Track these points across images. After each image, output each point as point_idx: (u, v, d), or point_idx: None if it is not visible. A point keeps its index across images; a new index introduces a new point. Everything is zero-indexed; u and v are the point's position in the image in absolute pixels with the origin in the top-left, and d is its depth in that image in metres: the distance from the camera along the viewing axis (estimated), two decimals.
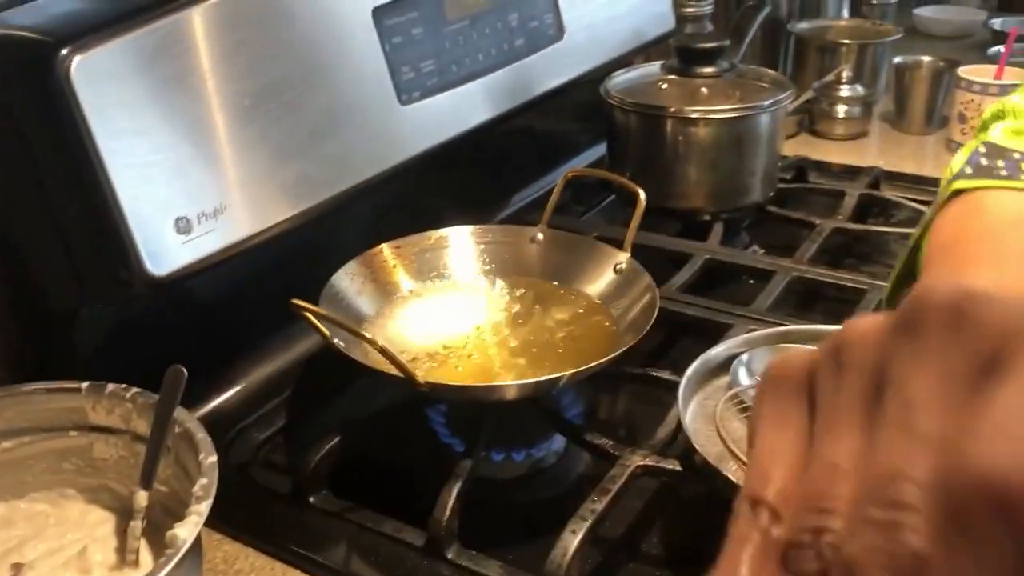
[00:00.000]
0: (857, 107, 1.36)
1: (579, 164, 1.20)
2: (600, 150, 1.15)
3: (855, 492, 0.20)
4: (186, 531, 0.48)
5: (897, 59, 1.40)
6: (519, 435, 0.75)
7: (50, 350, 0.74)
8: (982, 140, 0.47)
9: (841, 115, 1.36)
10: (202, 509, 0.49)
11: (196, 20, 0.68)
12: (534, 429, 0.75)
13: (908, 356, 0.20)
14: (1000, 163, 0.45)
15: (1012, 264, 0.40)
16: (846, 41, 1.43)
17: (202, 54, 0.68)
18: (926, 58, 1.38)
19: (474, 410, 0.73)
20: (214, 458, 0.53)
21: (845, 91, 1.36)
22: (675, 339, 0.88)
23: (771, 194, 1.06)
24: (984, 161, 0.45)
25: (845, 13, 1.61)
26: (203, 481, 0.51)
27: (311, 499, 0.69)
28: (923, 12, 1.86)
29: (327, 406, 0.80)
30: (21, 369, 0.70)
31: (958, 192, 0.44)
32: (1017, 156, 0.45)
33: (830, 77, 1.37)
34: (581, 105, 1.16)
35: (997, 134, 0.48)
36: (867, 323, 0.22)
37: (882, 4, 1.60)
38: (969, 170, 0.45)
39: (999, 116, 0.49)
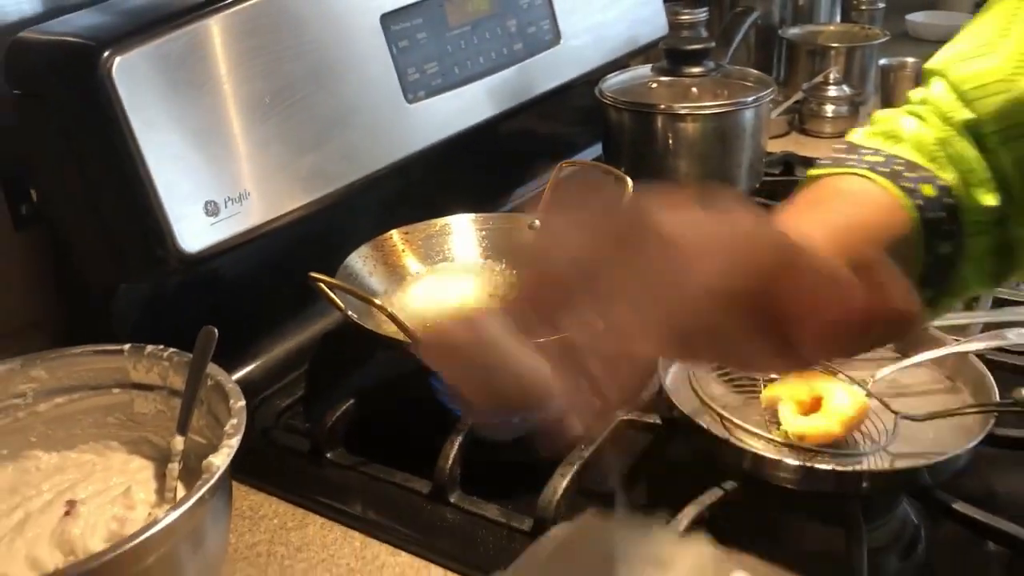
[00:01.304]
0: (844, 106, 1.43)
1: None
2: (596, 150, 1.23)
3: None
4: (220, 459, 0.55)
5: (883, 60, 1.47)
6: None
7: (91, 324, 0.82)
8: (844, 140, 0.55)
9: (829, 114, 1.43)
10: (233, 443, 0.57)
11: (218, 27, 0.75)
12: None
13: None
14: (853, 156, 0.52)
15: (817, 212, 0.48)
16: (835, 45, 1.50)
17: (225, 56, 0.76)
18: (910, 59, 1.45)
19: None
20: (243, 403, 0.60)
21: (833, 91, 1.43)
22: None
23: (757, 185, 1.13)
24: (839, 156, 0.53)
25: (836, 19, 1.69)
26: (233, 421, 0.59)
27: (328, 455, 0.76)
28: (914, 17, 1.92)
29: (341, 377, 0.87)
30: (68, 341, 0.78)
31: (813, 179, 0.53)
32: (864, 151, 0.53)
33: (819, 78, 1.44)
34: (578, 109, 1.23)
35: (858, 135, 0.55)
36: None
37: (871, 9, 1.66)
38: (826, 162, 0.53)
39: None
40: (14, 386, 0.67)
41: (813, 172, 0.53)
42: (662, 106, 1.08)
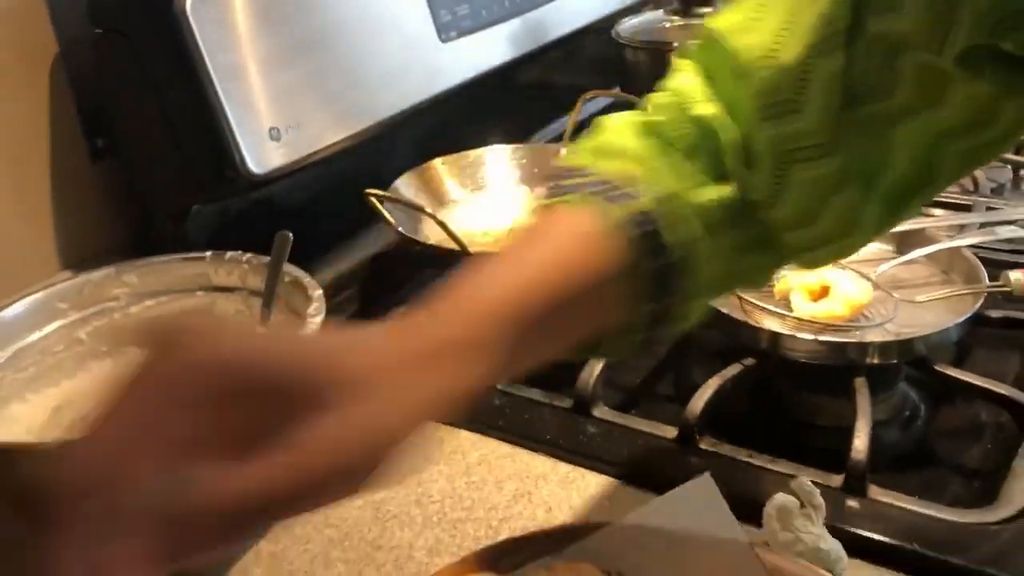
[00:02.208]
0: None
1: (596, 106, 1.35)
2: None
3: None
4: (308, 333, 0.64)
5: None
6: None
7: (162, 248, 0.90)
8: (568, 156, 0.52)
9: None
10: (318, 320, 0.65)
11: None
12: None
13: None
14: (568, 182, 0.48)
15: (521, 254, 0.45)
16: None
17: None
18: None
19: None
20: (320, 291, 0.69)
21: None
22: None
23: None
24: (558, 182, 0.49)
25: None
26: (315, 305, 0.67)
27: None
28: None
29: (390, 294, 0.95)
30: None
31: (538, 210, 0.49)
32: (575, 174, 0.48)
33: None
34: (596, 55, 1.31)
35: (573, 152, 0.52)
36: None
37: None
38: (551, 185, 0.49)
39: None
40: (109, 290, 0.75)
41: (541, 202, 0.49)
42: (676, 44, 1.15)
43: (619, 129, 0.51)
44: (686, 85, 0.51)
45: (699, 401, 0.71)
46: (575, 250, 0.45)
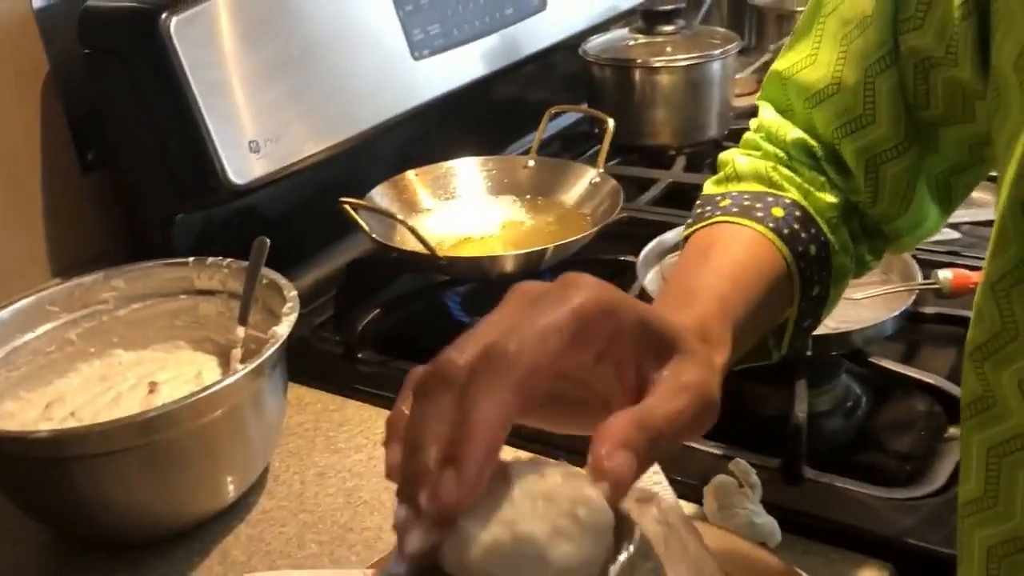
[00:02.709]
0: None
1: (565, 121, 1.41)
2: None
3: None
4: (282, 328, 0.69)
5: None
6: None
7: (149, 255, 0.95)
8: (701, 194, 0.64)
9: None
10: (292, 318, 0.70)
11: None
12: None
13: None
14: (708, 207, 0.60)
15: (706, 263, 0.55)
16: (800, 9, 1.63)
17: (261, 18, 0.89)
18: None
19: (482, 293, 0.94)
20: (295, 292, 0.74)
21: None
22: (644, 242, 1.08)
23: (726, 132, 1.27)
24: (699, 211, 0.61)
25: None
26: (289, 304, 0.72)
27: (359, 355, 0.90)
28: None
29: (366, 297, 1.00)
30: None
31: (687, 239, 0.60)
32: (716, 199, 0.60)
33: (786, 39, 1.57)
34: (564, 72, 1.36)
35: (707, 187, 0.64)
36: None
37: None
38: (690, 219, 0.61)
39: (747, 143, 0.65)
40: (98, 294, 0.80)
41: (684, 232, 0.60)
42: (639, 61, 1.21)
43: (734, 162, 0.62)
44: (772, 120, 0.62)
45: None
46: (745, 257, 0.55)
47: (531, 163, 1.07)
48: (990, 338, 0.48)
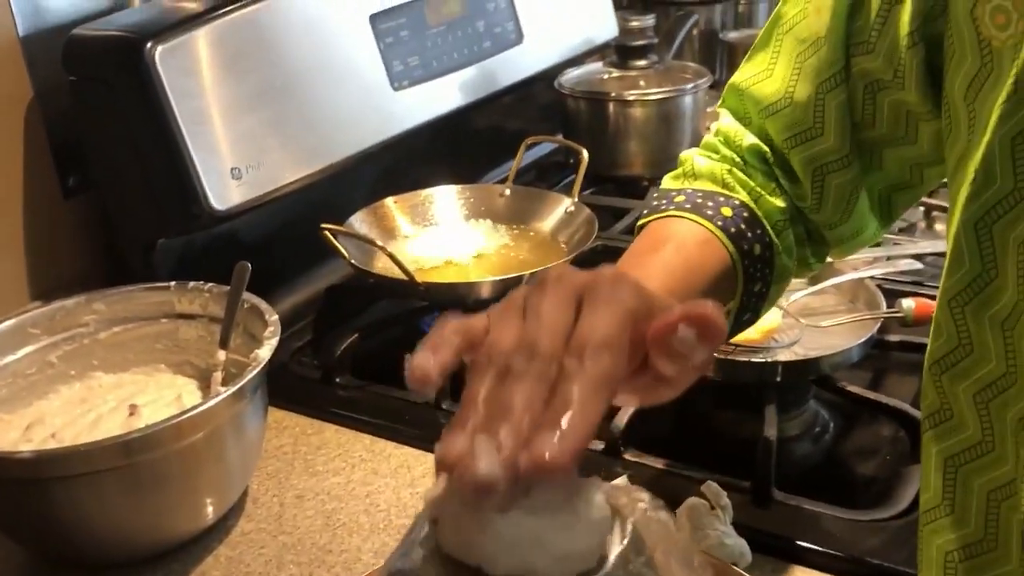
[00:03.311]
0: None
1: (541, 151, 1.43)
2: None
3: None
4: (264, 352, 0.70)
5: None
6: None
7: (130, 279, 0.95)
8: (659, 188, 0.66)
9: None
10: (273, 342, 0.71)
11: (237, 23, 0.90)
12: None
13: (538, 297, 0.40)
14: (663, 201, 0.62)
15: (654, 258, 0.58)
16: None
17: (244, 49, 0.91)
18: None
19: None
20: (276, 316, 0.75)
21: None
22: None
23: None
24: (654, 203, 0.63)
25: None
26: (271, 328, 0.73)
27: (337, 379, 0.91)
28: None
29: (344, 322, 1.01)
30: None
31: (641, 228, 0.63)
32: (672, 194, 0.63)
33: None
34: (541, 104, 1.39)
35: (665, 181, 0.67)
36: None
37: None
38: (645, 211, 0.64)
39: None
40: (79, 317, 0.81)
41: (640, 222, 0.64)
42: (613, 94, 1.24)
43: (693, 161, 0.65)
44: (729, 126, 0.65)
45: (623, 417, 0.78)
46: (694, 251, 0.58)
47: (507, 192, 1.09)
48: (947, 352, 0.50)
